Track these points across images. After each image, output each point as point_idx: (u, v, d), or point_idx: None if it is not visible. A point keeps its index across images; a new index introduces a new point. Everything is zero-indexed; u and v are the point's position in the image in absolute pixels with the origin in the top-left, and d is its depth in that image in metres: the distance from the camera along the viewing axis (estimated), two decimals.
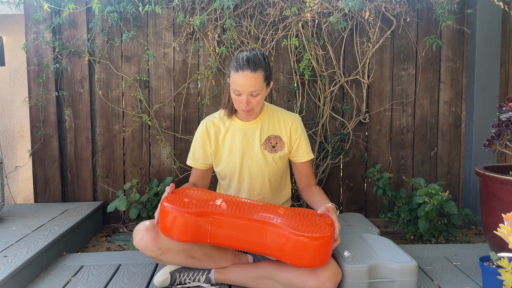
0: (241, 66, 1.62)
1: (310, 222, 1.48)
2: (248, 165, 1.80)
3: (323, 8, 2.58)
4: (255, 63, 1.63)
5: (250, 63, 1.62)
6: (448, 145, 2.81)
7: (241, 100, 1.67)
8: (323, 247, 1.39)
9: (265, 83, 1.69)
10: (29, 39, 2.66)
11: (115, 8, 2.56)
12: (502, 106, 1.74)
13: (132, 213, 2.44)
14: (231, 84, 1.68)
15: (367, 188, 2.82)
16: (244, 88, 1.63)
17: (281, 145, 1.81)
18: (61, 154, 2.74)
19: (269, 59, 1.74)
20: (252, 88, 1.63)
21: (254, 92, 1.65)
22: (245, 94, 1.65)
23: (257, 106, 1.71)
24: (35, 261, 1.78)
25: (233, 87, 1.67)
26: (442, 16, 2.58)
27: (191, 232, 1.46)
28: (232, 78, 1.66)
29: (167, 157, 2.75)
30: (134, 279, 1.74)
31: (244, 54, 1.66)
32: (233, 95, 1.69)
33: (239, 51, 1.73)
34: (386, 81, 2.76)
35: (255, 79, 1.63)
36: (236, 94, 1.67)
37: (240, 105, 1.70)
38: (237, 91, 1.66)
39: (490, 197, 1.76)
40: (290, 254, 1.41)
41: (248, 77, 1.62)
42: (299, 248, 1.38)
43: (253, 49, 1.73)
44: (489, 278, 1.53)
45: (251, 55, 1.65)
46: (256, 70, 1.63)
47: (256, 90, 1.64)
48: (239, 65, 1.63)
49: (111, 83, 2.72)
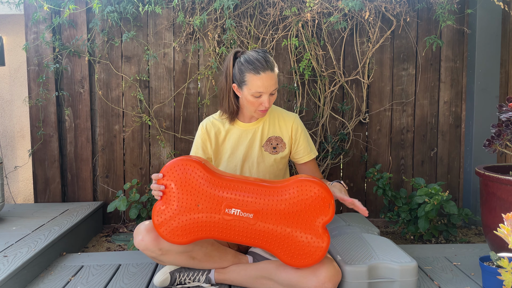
0: (262, 68, 1.61)
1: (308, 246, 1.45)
2: (249, 166, 1.80)
3: (323, 8, 2.58)
4: (270, 62, 1.65)
5: (269, 63, 1.63)
6: (448, 145, 2.81)
7: (262, 101, 1.65)
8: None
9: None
10: (29, 39, 2.66)
11: (115, 8, 2.57)
12: (502, 106, 1.74)
13: (132, 213, 2.44)
14: (250, 88, 1.63)
15: (367, 188, 2.82)
16: (268, 88, 1.64)
17: (282, 146, 1.81)
18: (61, 154, 2.74)
19: None
20: (274, 86, 1.66)
21: (274, 91, 1.67)
22: (267, 94, 1.65)
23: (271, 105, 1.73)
24: (35, 261, 1.78)
25: (254, 90, 1.63)
26: (442, 16, 2.58)
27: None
28: (252, 81, 1.62)
29: (167, 157, 2.75)
30: (134, 279, 1.74)
31: (255, 55, 1.64)
32: (251, 99, 1.66)
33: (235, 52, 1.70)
34: (386, 81, 2.76)
35: (275, 77, 1.66)
36: (256, 96, 1.65)
37: (259, 107, 1.68)
38: (260, 92, 1.64)
39: (490, 197, 1.76)
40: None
41: (270, 76, 1.63)
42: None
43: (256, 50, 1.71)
44: (489, 278, 1.53)
45: (263, 54, 1.65)
46: (274, 68, 1.66)
47: (276, 87, 1.67)
48: (259, 67, 1.61)
49: (111, 83, 2.72)
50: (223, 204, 1.46)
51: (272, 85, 1.64)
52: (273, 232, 1.46)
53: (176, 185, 1.48)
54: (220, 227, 1.47)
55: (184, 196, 1.48)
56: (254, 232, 1.47)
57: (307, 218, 1.44)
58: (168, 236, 1.48)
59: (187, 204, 1.47)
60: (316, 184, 1.44)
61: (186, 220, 1.47)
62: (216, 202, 1.47)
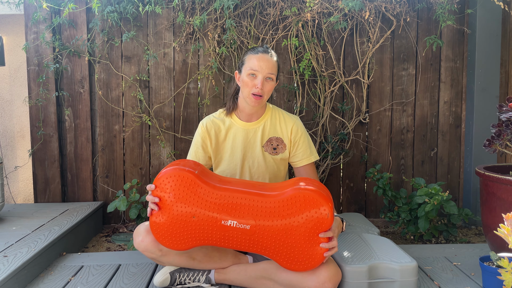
0: (261, 50, 1.71)
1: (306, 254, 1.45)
2: (249, 166, 1.79)
3: (323, 8, 2.58)
4: (270, 50, 1.74)
5: (268, 49, 1.73)
6: (448, 145, 2.81)
7: (256, 83, 1.68)
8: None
9: (277, 75, 1.75)
10: (29, 39, 2.66)
11: (115, 8, 2.56)
12: (502, 106, 1.74)
13: (132, 213, 2.44)
14: (246, 66, 1.71)
15: (367, 188, 2.82)
16: (263, 68, 1.68)
17: (283, 147, 1.81)
18: (61, 154, 2.74)
19: None
20: (269, 70, 1.69)
21: (270, 75, 1.69)
22: (262, 75, 1.68)
23: (266, 95, 1.72)
24: (35, 261, 1.78)
25: (250, 68, 1.69)
26: (442, 16, 2.58)
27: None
28: (249, 60, 1.71)
29: (167, 157, 2.75)
30: (134, 279, 1.74)
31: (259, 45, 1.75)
32: (247, 79, 1.70)
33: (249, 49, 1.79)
34: (386, 81, 2.76)
35: (272, 63, 1.71)
36: (251, 75, 1.69)
37: (253, 89, 1.69)
38: (255, 70, 1.68)
39: (490, 197, 1.76)
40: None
41: (267, 58, 1.70)
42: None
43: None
44: (489, 278, 1.53)
45: (265, 46, 1.76)
46: (273, 57, 1.73)
47: (272, 73, 1.70)
48: (259, 50, 1.72)
49: (111, 83, 2.72)
50: (218, 217, 1.44)
51: (268, 67, 1.68)
52: (271, 242, 1.45)
53: (169, 197, 1.45)
54: (217, 237, 1.47)
55: (178, 209, 1.45)
56: (252, 241, 1.46)
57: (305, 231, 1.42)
58: (166, 244, 1.49)
59: (182, 216, 1.45)
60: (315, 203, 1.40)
61: (182, 231, 1.46)
62: (211, 215, 1.45)
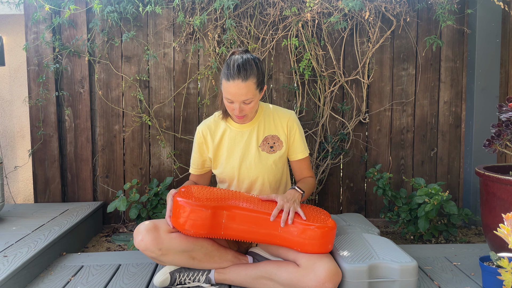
0: (232, 75, 1.59)
1: (313, 214, 1.59)
2: (246, 168, 1.78)
3: (323, 8, 2.58)
4: (246, 70, 1.59)
5: (241, 72, 1.58)
6: (448, 145, 2.81)
7: (234, 108, 1.66)
8: (327, 234, 1.53)
9: (258, 90, 1.66)
10: (29, 39, 2.66)
11: (115, 8, 2.56)
12: (502, 106, 1.74)
13: (132, 213, 2.44)
14: (223, 92, 1.65)
15: (367, 188, 2.82)
16: (236, 97, 1.62)
17: (279, 144, 1.80)
18: (61, 154, 2.74)
19: (262, 63, 1.72)
20: (244, 97, 1.61)
21: (246, 100, 1.64)
22: (237, 103, 1.63)
23: (250, 112, 1.70)
24: (35, 261, 1.78)
25: (225, 95, 1.65)
26: (442, 16, 2.58)
27: (207, 225, 1.53)
28: (224, 86, 1.63)
29: (167, 157, 2.75)
30: (134, 279, 1.74)
31: (236, 60, 1.62)
32: (226, 102, 1.67)
33: (231, 53, 1.70)
34: (386, 81, 2.76)
35: (246, 87, 1.60)
36: (228, 102, 1.66)
37: (233, 112, 1.68)
38: (229, 99, 1.64)
39: (490, 197, 1.76)
40: (298, 242, 1.52)
41: (239, 86, 1.59)
42: (308, 236, 1.51)
43: (245, 52, 1.69)
44: (489, 278, 1.53)
45: (242, 61, 1.61)
46: (248, 78, 1.59)
47: (248, 98, 1.62)
48: (230, 74, 1.59)
49: (111, 83, 2.72)
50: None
51: (241, 94, 1.60)
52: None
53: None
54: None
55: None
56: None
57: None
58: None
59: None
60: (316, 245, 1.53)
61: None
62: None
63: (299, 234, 1.51)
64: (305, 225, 1.51)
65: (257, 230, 1.55)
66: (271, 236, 1.55)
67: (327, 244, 1.54)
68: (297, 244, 1.53)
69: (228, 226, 1.56)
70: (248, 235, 1.57)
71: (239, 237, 1.57)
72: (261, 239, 1.57)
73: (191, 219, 1.51)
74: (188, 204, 1.52)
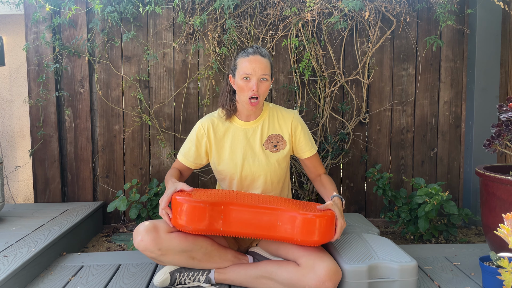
0: (251, 52, 1.70)
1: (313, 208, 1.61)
2: (249, 166, 1.79)
3: (323, 8, 2.58)
4: (261, 49, 1.73)
5: (259, 49, 1.72)
6: (448, 145, 2.81)
7: (251, 86, 1.68)
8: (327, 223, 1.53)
9: (271, 73, 1.75)
10: (29, 39, 2.66)
11: (115, 8, 2.57)
12: (502, 106, 1.74)
13: (132, 213, 2.44)
14: (239, 71, 1.70)
15: (367, 188, 2.82)
16: (256, 70, 1.67)
17: (283, 144, 1.81)
18: (61, 154, 2.74)
19: None
20: (262, 71, 1.68)
21: (264, 76, 1.68)
22: (256, 77, 1.67)
23: (263, 95, 1.72)
24: (35, 261, 1.78)
25: (243, 71, 1.68)
26: (442, 16, 2.58)
27: (205, 222, 1.54)
28: (241, 64, 1.70)
29: (167, 157, 2.75)
30: (134, 279, 1.74)
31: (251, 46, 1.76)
32: (241, 83, 1.69)
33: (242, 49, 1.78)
34: (386, 81, 2.76)
35: (265, 62, 1.70)
36: (245, 79, 1.68)
37: (248, 93, 1.69)
38: (248, 74, 1.67)
39: (490, 197, 1.76)
40: (299, 233, 1.53)
41: (259, 59, 1.69)
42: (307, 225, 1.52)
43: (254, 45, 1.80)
44: (489, 278, 1.53)
45: (255, 46, 1.75)
46: (265, 56, 1.72)
47: (266, 73, 1.69)
48: (249, 52, 1.71)
49: (111, 83, 2.72)
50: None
51: (260, 68, 1.68)
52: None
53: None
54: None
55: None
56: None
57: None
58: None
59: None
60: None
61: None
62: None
63: (299, 224, 1.52)
64: (304, 214, 1.53)
65: (256, 223, 1.56)
66: (271, 229, 1.55)
67: (327, 233, 1.54)
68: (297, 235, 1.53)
69: (226, 221, 1.56)
70: (248, 230, 1.57)
71: (238, 232, 1.57)
72: (261, 234, 1.56)
73: (190, 215, 1.53)
74: (187, 200, 1.54)
